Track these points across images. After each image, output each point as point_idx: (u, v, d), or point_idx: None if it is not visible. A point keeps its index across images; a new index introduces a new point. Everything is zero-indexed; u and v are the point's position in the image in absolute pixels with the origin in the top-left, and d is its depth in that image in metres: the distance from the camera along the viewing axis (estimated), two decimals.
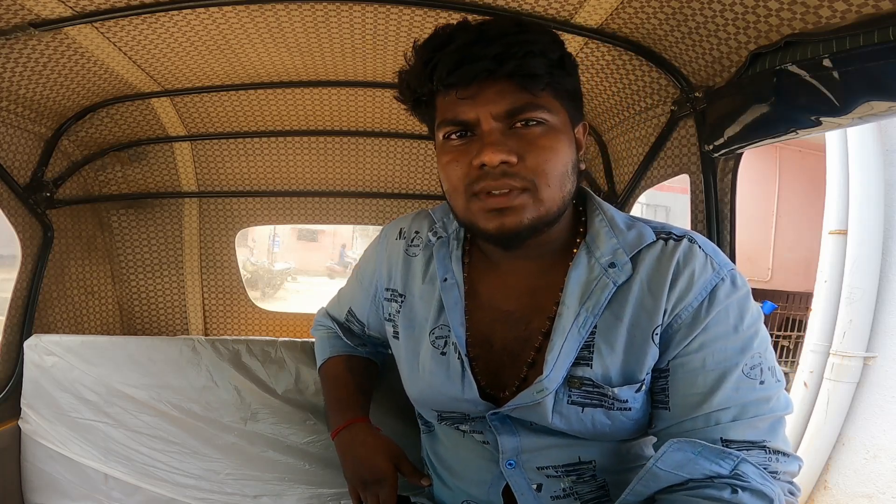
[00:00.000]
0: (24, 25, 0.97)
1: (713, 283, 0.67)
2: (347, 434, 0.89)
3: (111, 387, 1.17)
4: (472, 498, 0.81)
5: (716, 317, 0.66)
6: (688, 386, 0.66)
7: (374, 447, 0.87)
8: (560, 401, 0.69)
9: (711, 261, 0.68)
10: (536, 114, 0.65)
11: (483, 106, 0.65)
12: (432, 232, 0.83)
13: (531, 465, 0.74)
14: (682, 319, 0.67)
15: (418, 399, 0.84)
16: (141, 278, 1.80)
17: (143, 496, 1.17)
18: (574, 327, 0.68)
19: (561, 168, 0.67)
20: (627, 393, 0.68)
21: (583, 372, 0.69)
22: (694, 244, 0.69)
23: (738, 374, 0.64)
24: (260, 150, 1.73)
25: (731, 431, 0.64)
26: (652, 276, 0.68)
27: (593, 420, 0.69)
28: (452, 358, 0.76)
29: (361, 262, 0.96)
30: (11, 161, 1.24)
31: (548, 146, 0.66)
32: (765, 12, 0.80)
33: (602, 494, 0.74)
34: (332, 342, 1.01)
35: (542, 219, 0.67)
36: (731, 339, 0.66)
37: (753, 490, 0.60)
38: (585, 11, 0.98)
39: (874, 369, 2.78)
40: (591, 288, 0.69)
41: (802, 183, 5.24)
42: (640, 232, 0.71)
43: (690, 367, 0.66)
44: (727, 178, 1.09)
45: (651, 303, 0.68)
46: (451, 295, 0.77)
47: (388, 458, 0.85)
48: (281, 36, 1.16)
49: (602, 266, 0.70)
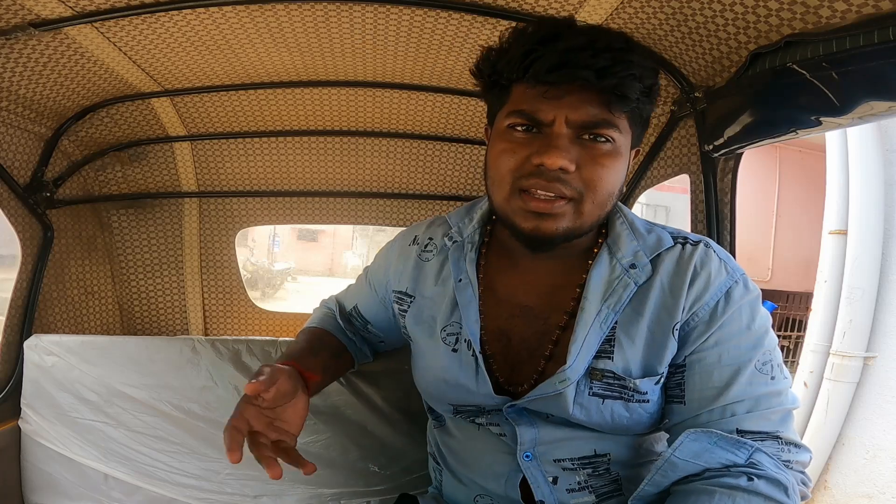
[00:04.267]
0: (24, 25, 0.97)
1: (728, 284, 0.71)
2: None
3: (111, 387, 1.18)
4: (487, 492, 0.81)
5: (731, 316, 0.69)
6: (704, 380, 0.69)
7: (281, 375, 0.72)
8: (581, 392, 0.71)
9: (725, 265, 0.72)
10: (609, 132, 0.66)
11: (563, 110, 0.65)
12: (448, 237, 0.85)
13: (548, 458, 0.75)
14: (699, 318, 0.70)
15: (433, 394, 0.84)
16: (141, 278, 1.80)
17: (143, 496, 1.17)
18: (596, 322, 0.71)
19: (609, 188, 0.69)
20: (647, 385, 0.71)
21: (604, 365, 0.71)
22: (710, 249, 0.73)
23: (751, 369, 0.68)
24: (260, 150, 1.73)
25: (746, 422, 0.66)
26: (671, 277, 0.72)
27: (612, 412, 0.71)
28: (465, 354, 0.78)
29: (372, 265, 0.98)
30: (11, 161, 1.24)
31: (607, 165, 0.67)
32: (765, 12, 0.80)
33: (615, 489, 0.75)
34: (324, 319, 1.01)
35: (577, 231, 0.70)
36: (745, 336, 0.69)
37: (769, 478, 0.62)
38: (585, 11, 0.98)
39: (874, 369, 2.78)
40: (613, 286, 0.72)
41: (802, 183, 5.24)
42: (660, 236, 0.75)
43: (707, 363, 0.69)
44: (727, 178, 1.09)
45: (671, 301, 0.71)
46: (464, 294, 0.79)
47: (289, 387, 0.72)
48: (281, 36, 1.16)
49: (623, 266, 0.73)
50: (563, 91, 0.65)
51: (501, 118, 0.70)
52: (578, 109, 0.65)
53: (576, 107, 0.65)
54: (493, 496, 0.80)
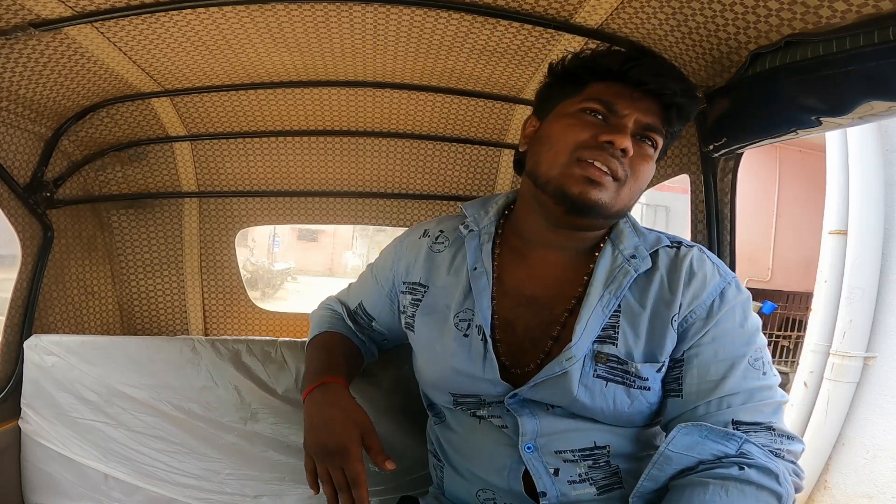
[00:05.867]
0: (24, 25, 0.97)
1: (722, 286, 0.77)
2: (320, 393, 0.85)
3: (111, 387, 1.18)
4: (489, 486, 0.81)
5: (725, 314, 0.75)
6: (701, 374, 0.74)
7: (346, 411, 0.82)
8: (586, 374, 0.75)
9: (718, 269, 0.79)
10: (656, 137, 0.79)
11: (637, 110, 0.77)
12: (464, 226, 0.90)
13: (549, 449, 0.77)
14: (696, 315, 0.76)
15: (437, 382, 0.86)
16: (141, 278, 1.80)
17: (143, 496, 1.17)
18: (599, 306, 0.77)
19: (642, 182, 0.80)
20: (649, 371, 0.75)
21: (609, 349, 0.76)
22: (703, 254, 0.81)
23: (745, 364, 0.73)
24: (260, 150, 1.73)
25: (741, 414, 0.71)
26: (669, 274, 0.79)
27: (615, 398, 0.75)
28: (475, 339, 0.81)
29: (378, 260, 1.01)
30: (11, 161, 1.24)
31: (648, 162, 0.79)
32: (765, 12, 0.80)
33: (615, 481, 0.77)
34: (334, 322, 1.03)
35: (608, 209, 0.77)
36: (739, 333, 0.75)
37: (759, 466, 0.66)
38: (585, 11, 0.98)
39: (874, 369, 2.78)
40: (615, 274, 0.79)
41: (802, 183, 5.25)
42: (658, 236, 0.84)
43: (704, 357, 0.75)
44: (727, 178, 1.09)
45: (669, 296, 0.77)
46: (479, 282, 0.83)
47: (358, 426, 0.81)
48: (281, 36, 1.16)
49: (625, 257, 0.80)
50: (640, 96, 0.77)
51: (572, 104, 0.79)
52: (646, 114, 0.77)
53: (645, 111, 0.77)
54: (496, 489, 0.81)
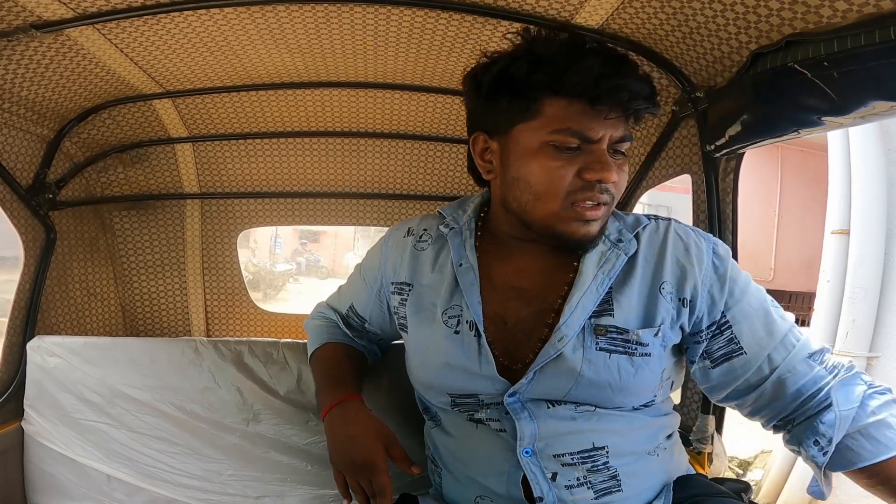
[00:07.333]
0: (25, 27, 0.97)
1: (710, 246, 0.79)
2: (339, 411, 0.87)
3: (114, 388, 1.18)
4: (487, 492, 0.80)
5: (730, 270, 0.78)
6: (753, 326, 0.77)
7: (367, 426, 0.84)
8: (589, 348, 0.75)
9: (696, 233, 0.81)
10: (627, 143, 0.75)
11: (609, 129, 0.71)
12: (444, 225, 0.88)
13: (547, 453, 0.76)
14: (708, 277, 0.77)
15: (433, 383, 0.84)
16: (143, 280, 1.80)
17: (146, 497, 1.17)
18: (593, 285, 0.77)
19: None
20: (648, 336, 0.75)
21: (606, 321, 0.76)
22: (680, 223, 0.82)
23: (772, 307, 0.78)
24: (261, 152, 1.73)
25: (806, 348, 0.77)
26: (651, 245, 0.80)
27: (619, 368, 0.75)
28: (467, 336, 0.79)
29: (365, 261, 0.99)
30: (14, 163, 1.25)
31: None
32: (766, 12, 0.80)
33: (614, 485, 0.76)
34: (331, 331, 1.02)
35: (599, 234, 0.78)
36: (748, 281, 0.79)
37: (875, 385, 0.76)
38: (586, 12, 0.98)
39: (877, 369, 2.77)
40: (607, 256, 0.79)
41: (805, 182, 5.24)
42: (636, 217, 0.84)
43: (747, 311, 0.77)
44: (729, 178, 1.09)
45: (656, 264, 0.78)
46: (466, 277, 0.82)
47: (381, 439, 0.83)
48: (282, 37, 1.16)
49: (612, 241, 0.80)
50: (606, 109, 0.69)
51: (535, 132, 0.72)
52: (617, 127, 0.71)
53: (616, 125, 0.71)
54: (494, 495, 0.79)
